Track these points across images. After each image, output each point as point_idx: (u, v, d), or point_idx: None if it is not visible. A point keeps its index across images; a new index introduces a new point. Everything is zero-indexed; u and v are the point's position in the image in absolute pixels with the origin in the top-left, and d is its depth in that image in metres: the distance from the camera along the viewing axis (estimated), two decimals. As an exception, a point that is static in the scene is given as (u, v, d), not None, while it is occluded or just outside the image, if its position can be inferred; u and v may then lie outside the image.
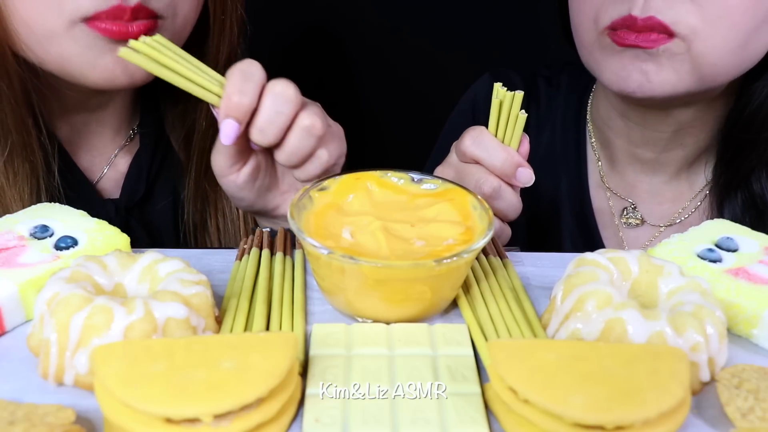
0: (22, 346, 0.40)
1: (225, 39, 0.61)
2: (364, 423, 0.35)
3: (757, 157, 0.67)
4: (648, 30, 0.60)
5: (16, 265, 0.43)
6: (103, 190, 0.67)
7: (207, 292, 0.40)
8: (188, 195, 0.68)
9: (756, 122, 0.67)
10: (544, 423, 0.33)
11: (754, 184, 0.67)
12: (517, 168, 0.54)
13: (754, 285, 0.44)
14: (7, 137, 0.57)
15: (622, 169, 0.75)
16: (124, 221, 0.66)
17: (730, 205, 0.69)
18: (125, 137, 0.69)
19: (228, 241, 0.69)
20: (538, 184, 0.76)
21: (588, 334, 0.39)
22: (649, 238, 0.74)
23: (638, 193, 0.75)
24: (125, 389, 0.32)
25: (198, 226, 0.68)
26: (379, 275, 0.40)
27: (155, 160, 0.68)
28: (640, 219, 0.74)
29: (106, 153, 0.68)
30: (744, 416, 0.35)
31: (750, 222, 0.67)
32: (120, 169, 0.68)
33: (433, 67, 1.06)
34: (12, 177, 0.58)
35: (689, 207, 0.73)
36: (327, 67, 1.08)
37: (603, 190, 0.76)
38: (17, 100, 0.57)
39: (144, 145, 0.68)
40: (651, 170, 0.73)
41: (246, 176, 0.54)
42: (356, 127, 1.10)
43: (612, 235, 0.75)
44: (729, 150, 0.69)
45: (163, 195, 0.69)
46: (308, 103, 0.53)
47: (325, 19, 1.06)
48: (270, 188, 0.57)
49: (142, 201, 0.68)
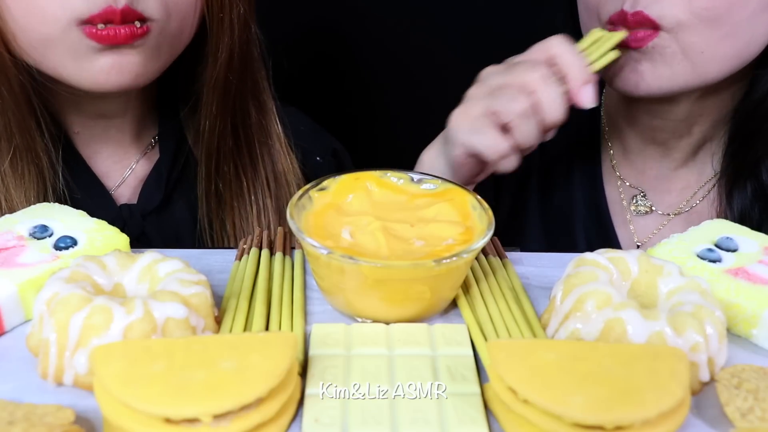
0: (22, 346, 0.40)
1: (224, 38, 0.60)
2: (364, 423, 0.35)
3: (763, 147, 0.67)
4: (637, 25, 0.61)
5: (16, 265, 0.43)
6: (122, 196, 0.67)
7: (206, 292, 0.40)
8: (201, 195, 0.67)
9: (760, 111, 0.67)
10: (544, 423, 0.33)
11: (764, 174, 0.67)
12: (588, 81, 0.57)
13: (753, 285, 0.44)
14: (10, 140, 0.57)
15: (633, 157, 0.75)
16: (140, 227, 0.65)
17: (740, 196, 0.69)
18: (146, 144, 0.69)
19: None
20: (553, 171, 0.76)
21: (587, 334, 0.39)
22: (658, 227, 0.74)
23: (647, 180, 0.75)
24: (124, 389, 0.32)
25: (215, 225, 0.67)
26: (378, 275, 0.40)
27: (175, 168, 0.68)
28: (649, 207, 0.74)
29: (126, 159, 0.67)
30: (743, 416, 0.35)
31: (759, 212, 0.68)
32: (139, 176, 0.68)
33: (442, 67, 1.06)
34: (17, 180, 0.58)
35: (697, 196, 0.74)
36: (332, 66, 1.08)
37: (614, 178, 0.76)
38: (18, 104, 0.57)
39: (164, 153, 0.68)
40: (661, 155, 0.74)
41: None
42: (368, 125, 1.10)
43: (622, 223, 0.75)
44: (735, 140, 0.70)
45: (182, 202, 0.68)
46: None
47: (332, 18, 1.06)
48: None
49: (159, 208, 0.67)
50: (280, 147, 0.69)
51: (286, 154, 0.69)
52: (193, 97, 0.64)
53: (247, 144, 0.67)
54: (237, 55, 0.62)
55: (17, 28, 0.54)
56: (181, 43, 0.60)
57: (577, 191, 0.77)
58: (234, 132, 0.65)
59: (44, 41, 0.54)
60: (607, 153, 0.77)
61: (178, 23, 0.58)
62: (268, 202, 0.68)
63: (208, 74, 0.62)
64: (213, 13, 0.59)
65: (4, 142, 0.58)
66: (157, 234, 0.66)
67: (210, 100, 0.62)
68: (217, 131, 0.64)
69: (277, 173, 0.69)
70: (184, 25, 0.59)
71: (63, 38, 0.53)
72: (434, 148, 0.65)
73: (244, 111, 0.66)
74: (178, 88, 0.66)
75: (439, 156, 0.64)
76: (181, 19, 0.58)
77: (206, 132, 0.64)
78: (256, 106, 0.67)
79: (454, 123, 0.60)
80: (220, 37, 0.60)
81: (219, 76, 0.61)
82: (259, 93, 0.67)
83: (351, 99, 1.10)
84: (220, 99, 0.63)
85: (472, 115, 0.59)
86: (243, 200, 0.67)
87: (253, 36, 0.64)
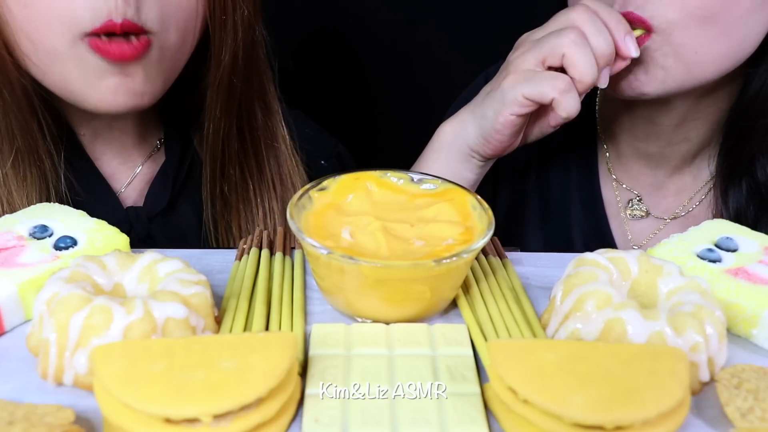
0: (22, 346, 0.39)
1: (228, 40, 0.60)
2: (364, 423, 0.35)
3: (757, 145, 0.67)
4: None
5: (16, 265, 0.43)
6: (128, 198, 0.66)
7: (206, 292, 0.40)
8: (206, 198, 0.66)
9: (753, 109, 0.67)
10: (544, 423, 0.33)
11: (758, 172, 0.67)
12: (629, 31, 0.59)
13: (753, 285, 0.44)
14: (12, 142, 0.57)
15: (627, 162, 0.75)
16: (147, 229, 0.65)
17: (735, 195, 0.69)
18: (151, 147, 0.68)
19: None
20: (550, 173, 0.76)
21: (587, 334, 0.39)
22: (654, 231, 0.74)
23: (643, 186, 0.75)
24: (124, 389, 0.32)
25: (220, 228, 0.67)
26: (378, 275, 0.40)
27: (181, 170, 0.68)
28: (644, 211, 0.74)
29: (132, 162, 0.67)
30: (743, 416, 0.35)
31: (755, 210, 0.67)
32: (145, 178, 0.67)
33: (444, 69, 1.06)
34: (20, 182, 0.58)
35: (694, 200, 0.73)
36: (334, 67, 1.09)
37: (610, 181, 0.76)
38: (20, 106, 0.56)
39: (170, 155, 0.67)
40: (655, 164, 0.74)
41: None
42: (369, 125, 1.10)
43: (618, 226, 0.75)
44: (730, 138, 0.70)
45: (189, 205, 0.68)
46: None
47: (335, 19, 1.06)
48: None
49: (165, 210, 0.67)
50: (285, 149, 0.68)
51: (291, 156, 0.69)
52: (198, 99, 0.64)
53: (253, 146, 0.66)
54: (241, 58, 0.61)
55: (24, 41, 0.54)
56: (184, 54, 0.59)
57: (574, 193, 0.77)
58: (239, 134, 0.65)
59: (51, 56, 0.54)
60: (603, 156, 0.77)
61: (179, 35, 0.57)
62: (274, 205, 0.67)
63: (212, 77, 0.61)
64: (216, 16, 0.59)
65: (6, 144, 0.58)
66: (164, 236, 0.66)
67: (214, 103, 0.62)
68: (221, 134, 0.63)
69: (283, 175, 0.68)
70: (186, 35, 0.58)
71: (70, 54, 0.53)
72: (459, 119, 0.66)
73: (249, 113, 0.65)
74: (182, 91, 0.66)
75: (467, 125, 0.65)
76: (181, 30, 0.57)
77: (210, 134, 0.64)
78: (262, 107, 0.67)
79: (506, 83, 0.61)
80: (224, 39, 0.60)
81: (223, 78, 0.61)
82: (264, 95, 0.67)
83: (351, 99, 1.10)
84: (224, 102, 0.62)
85: (524, 69, 0.60)
86: (249, 202, 0.67)
87: (258, 37, 0.64)
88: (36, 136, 0.58)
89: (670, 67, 0.62)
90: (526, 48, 0.61)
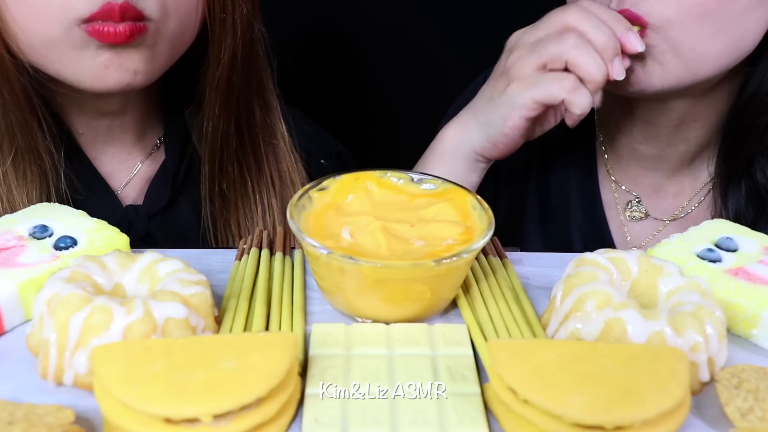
0: (22, 346, 0.39)
1: (227, 38, 0.60)
2: (364, 423, 0.35)
3: (756, 144, 0.67)
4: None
5: (16, 265, 0.43)
6: (127, 197, 0.66)
7: (206, 292, 0.40)
8: (205, 196, 0.66)
9: (750, 108, 0.67)
10: (544, 423, 0.33)
11: (758, 173, 0.67)
12: (629, 27, 0.58)
13: (753, 285, 0.44)
14: (12, 141, 0.57)
15: (626, 164, 0.75)
16: (146, 228, 0.65)
17: (734, 197, 0.69)
18: (151, 145, 0.68)
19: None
20: (549, 175, 0.76)
21: (587, 334, 0.39)
22: (653, 233, 0.74)
23: (642, 188, 0.75)
24: (124, 389, 0.32)
25: (219, 225, 0.67)
26: (378, 275, 0.40)
27: (181, 169, 0.67)
28: (644, 213, 0.74)
29: (131, 160, 0.67)
30: (743, 416, 0.35)
31: (754, 212, 0.67)
32: (145, 176, 0.67)
33: (444, 69, 1.06)
34: (20, 180, 0.58)
35: (693, 201, 0.73)
36: (333, 66, 1.09)
37: (609, 182, 0.76)
38: (19, 104, 0.56)
39: (169, 154, 0.67)
40: (654, 166, 0.74)
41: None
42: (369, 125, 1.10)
43: (617, 227, 0.75)
44: (728, 139, 0.70)
45: (188, 203, 0.68)
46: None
47: (335, 18, 1.06)
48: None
49: (165, 209, 0.67)
50: (284, 146, 0.68)
51: (290, 153, 0.69)
52: (197, 97, 0.64)
53: (252, 143, 0.66)
54: (240, 56, 0.61)
55: (19, 30, 0.54)
56: (183, 43, 0.60)
57: (573, 194, 0.77)
58: (238, 132, 0.65)
59: (47, 42, 0.54)
60: (602, 158, 0.77)
61: (178, 23, 0.57)
62: (273, 202, 0.67)
63: (211, 75, 0.61)
64: (215, 14, 0.59)
65: (5, 142, 0.58)
66: (163, 235, 0.66)
67: (213, 101, 0.62)
68: (220, 131, 0.63)
69: (282, 172, 0.68)
70: (185, 24, 0.58)
71: (65, 38, 0.53)
72: (462, 125, 0.66)
73: (248, 110, 0.65)
74: (181, 88, 0.66)
75: (470, 130, 0.65)
76: (181, 18, 0.57)
77: (209, 132, 0.64)
78: (260, 105, 0.66)
79: (512, 89, 0.61)
80: (223, 37, 0.60)
81: (222, 76, 0.61)
82: (263, 92, 0.67)
83: (351, 99, 1.10)
84: (223, 99, 0.62)
85: (526, 73, 0.60)
86: (248, 200, 0.67)
87: (257, 35, 0.64)
88: (36, 135, 0.58)
89: (668, 63, 0.62)
90: (522, 52, 0.61)
